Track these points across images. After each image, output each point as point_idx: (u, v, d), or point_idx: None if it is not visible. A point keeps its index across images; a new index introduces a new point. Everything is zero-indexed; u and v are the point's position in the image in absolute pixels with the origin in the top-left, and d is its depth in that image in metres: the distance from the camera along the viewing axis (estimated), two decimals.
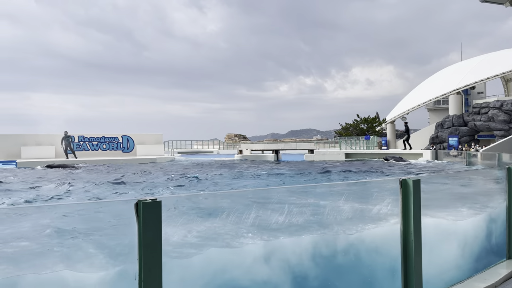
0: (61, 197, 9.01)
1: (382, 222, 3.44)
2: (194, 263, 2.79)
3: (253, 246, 2.97)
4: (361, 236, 3.38)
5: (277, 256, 3.03)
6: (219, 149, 39.90)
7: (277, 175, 14.25)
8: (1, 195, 9.07)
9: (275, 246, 3.06)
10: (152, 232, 2.33)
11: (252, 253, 3.00)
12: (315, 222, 3.30)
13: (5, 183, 11.91)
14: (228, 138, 55.46)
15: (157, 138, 29.22)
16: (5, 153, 23.88)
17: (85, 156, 25.29)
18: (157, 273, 2.32)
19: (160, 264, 2.32)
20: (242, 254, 2.96)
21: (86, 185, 10.86)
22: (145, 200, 2.34)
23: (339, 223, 3.36)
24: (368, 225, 3.45)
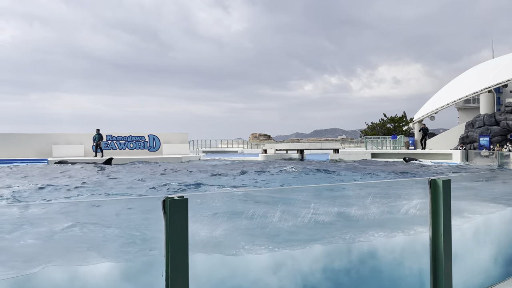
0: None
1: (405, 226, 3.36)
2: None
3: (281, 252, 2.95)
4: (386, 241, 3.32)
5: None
6: (244, 149, 40.04)
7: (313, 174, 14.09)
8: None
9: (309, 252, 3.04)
10: (179, 229, 2.35)
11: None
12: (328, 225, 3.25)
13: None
14: (252, 137, 55.59)
15: (182, 137, 29.59)
16: (37, 152, 24.75)
17: (113, 155, 25.90)
18: (184, 269, 2.34)
19: (187, 261, 2.34)
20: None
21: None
22: (172, 197, 2.37)
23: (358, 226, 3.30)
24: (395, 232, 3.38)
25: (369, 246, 3.27)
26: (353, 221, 3.35)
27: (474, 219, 4.00)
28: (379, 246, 3.32)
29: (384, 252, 3.30)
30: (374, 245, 3.30)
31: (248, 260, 2.97)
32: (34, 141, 25.15)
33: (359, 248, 3.24)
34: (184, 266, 2.35)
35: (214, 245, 2.86)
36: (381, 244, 3.33)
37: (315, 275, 2.99)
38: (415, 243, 3.40)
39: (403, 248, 3.41)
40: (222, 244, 2.87)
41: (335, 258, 3.15)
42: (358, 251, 3.24)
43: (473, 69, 43.41)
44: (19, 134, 25.51)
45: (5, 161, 22.08)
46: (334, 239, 3.23)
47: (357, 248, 3.24)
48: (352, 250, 3.22)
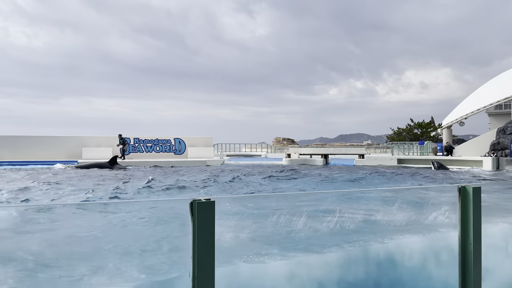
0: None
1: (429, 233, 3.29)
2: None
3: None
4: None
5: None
6: (267, 153, 40.04)
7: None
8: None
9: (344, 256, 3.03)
10: (206, 231, 2.39)
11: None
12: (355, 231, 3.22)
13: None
14: (276, 141, 55.53)
15: (207, 141, 29.89)
16: (68, 154, 25.55)
17: (140, 158, 26.44)
18: (210, 271, 2.38)
19: (213, 263, 2.38)
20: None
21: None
22: (200, 199, 2.42)
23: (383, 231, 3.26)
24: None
25: (393, 252, 3.23)
26: (379, 226, 3.31)
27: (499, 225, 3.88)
28: (403, 252, 3.27)
29: (408, 259, 3.25)
30: (398, 251, 3.26)
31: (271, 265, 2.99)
32: (66, 144, 26.00)
33: (382, 253, 3.21)
34: (210, 268, 2.39)
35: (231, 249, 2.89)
36: (405, 250, 3.28)
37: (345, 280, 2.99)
38: (443, 250, 3.34)
39: (430, 255, 3.35)
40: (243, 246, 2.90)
41: (360, 264, 3.13)
42: (382, 256, 3.20)
43: (505, 74, 42.00)
44: (52, 137, 26.43)
45: (38, 162, 22.91)
46: (359, 243, 3.21)
47: (381, 252, 3.21)
48: (376, 255, 3.19)
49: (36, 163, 22.66)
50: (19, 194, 8.82)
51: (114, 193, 9.07)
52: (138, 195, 8.98)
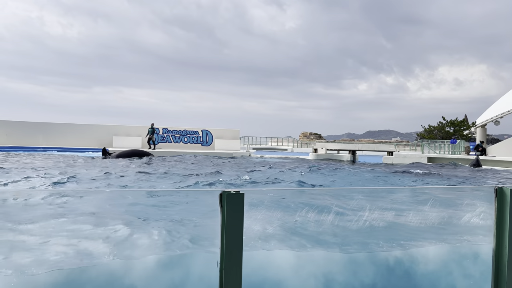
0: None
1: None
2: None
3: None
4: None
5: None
6: (293, 147, 39.87)
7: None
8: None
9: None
10: (234, 223, 2.41)
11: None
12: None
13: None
14: (303, 136, 55.19)
15: (234, 133, 30.05)
16: (99, 142, 26.29)
17: (168, 148, 26.90)
18: (238, 262, 2.40)
19: (241, 254, 2.40)
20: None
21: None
22: (229, 191, 2.43)
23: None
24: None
25: (421, 255, 3.16)
26: (408, 227, 3.24)
27: None
28: (430, 255, 3.19)
29: (433, 262, 3.17)
30: (426, 254, 3.18)
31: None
32: (97, 132, 26.77)
33: (410, 256, 3.14)
34: (238, 259, 2.41)
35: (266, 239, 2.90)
36: (432, 253, 3.20)
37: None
38: (475, 253, 3.23)
39: (460, 258, 3.25)
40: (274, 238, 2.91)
41: (385, 265, 3.07)
42: (409, 259, 3.13)
43: None
44: (84, 125, 27.27)
45: (71, 149, 23.70)
46: (385, 244, 3.15)
47: (409, 255, 3.14)
48: (405, 257, 3.12)
49: (69, 149, 23.45)
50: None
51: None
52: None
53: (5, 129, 25.27)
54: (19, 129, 25.45)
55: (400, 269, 3.06)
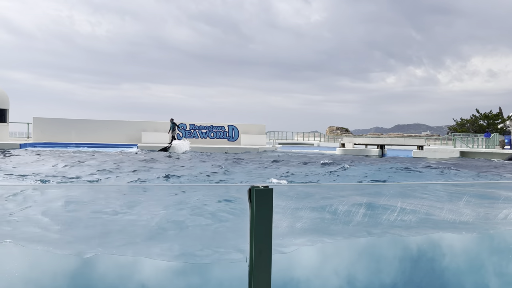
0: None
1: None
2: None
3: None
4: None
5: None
6: (320, 142, 39.52)
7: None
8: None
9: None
10: (263, 218, 2.41)
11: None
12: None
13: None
14: (329, 130, 54.60)
15: (260, 128, 30.07)
16: (129, 137, 26.91)
17: (195, 143, 27.22)
18: (267, 257, 2.39)
19: (270, 249, 2.39)
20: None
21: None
22: (258, 186, 2.43)
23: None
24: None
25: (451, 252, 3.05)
26: (441, 222, 3.14)
27: None
28: (466, 251, 3.08)
29: (468, 259, 3.06)
30: (459, 251, 3.07)
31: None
32: (126, 128, 27.40)
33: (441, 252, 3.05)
34: (268, 253, 2.40)
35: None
36: (469, 250, 3.08)
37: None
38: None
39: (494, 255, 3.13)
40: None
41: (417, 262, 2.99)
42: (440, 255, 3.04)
43: None
44: (114, 121, 27.96)
45: (101, 145, 24.36)
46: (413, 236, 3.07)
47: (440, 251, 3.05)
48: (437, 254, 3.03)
49: (100, 145, 24.11)
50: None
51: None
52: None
53: (40, 126, 26.22)
54: (53, 126, 26.35)
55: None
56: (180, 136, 28.02)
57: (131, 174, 10.04)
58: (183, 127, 28.40)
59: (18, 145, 21.82)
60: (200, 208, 3.69)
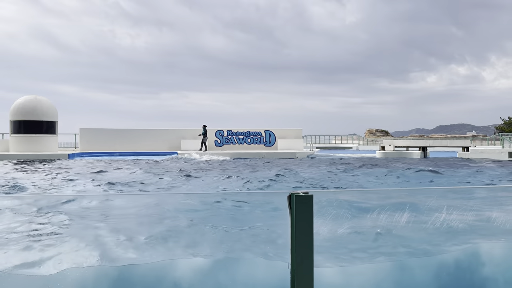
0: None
1: None
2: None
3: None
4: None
5: None
6: (359, 145, 38.79)
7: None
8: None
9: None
10: (304, 225, 2.41)
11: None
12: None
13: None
14: (368, 133, 53.45)
15: (297, 133, 29.97)
16: (169, 145, 27.64)
17: (232, 149, 27.53)
18: (309, 264, 2.40)
19: (312, 256, 2.39)
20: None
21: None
22: (297, 193, 2.44)
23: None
24: None
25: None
26: (490, 229, 3.01)
27: None
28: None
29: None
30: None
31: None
32: (167, 136, 28.18)
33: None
34: (309, 260, 2.40)
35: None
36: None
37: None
38: None
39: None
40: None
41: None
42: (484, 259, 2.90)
43: None
44: (155, 130, 28.85)
45: (144, 153, 25.16)
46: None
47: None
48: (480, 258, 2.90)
49: (143, 153, 24.91)
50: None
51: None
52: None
53: (86, 136, 27.49)
54: (98, 136, 27.54)
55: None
56: (219, 143, 28.45)
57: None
58: (220, 133, 28.83)
59: (66, 155, 22.95)
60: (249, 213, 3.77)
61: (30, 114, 25.12)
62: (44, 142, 25.24)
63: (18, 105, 25.36)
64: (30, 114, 25.11)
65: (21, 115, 25.13)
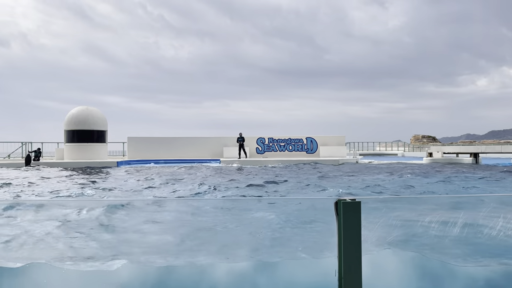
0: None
1: None
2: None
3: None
4: None
5: None
6: (404, 152, 37.54)
7: None
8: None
9: None
10: (352, 232, 2.37)
11: None
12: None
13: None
14: (414, 139, 51.59)
15: (339, 139, 29.51)
16: (211, 153, 28.13)
17: (274, 157, 27.56)
18: (357, 271, 2.35)
19: (360, 263, 2.35)
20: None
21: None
22: (345, 199, 2.41)
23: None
24: None
25: None
26: None
27: None
28: None
29: None
30: None
31: None
32: (209, 144, 28.71)
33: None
34: (357, 268, 2.36)
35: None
36: None
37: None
38: None
39: None
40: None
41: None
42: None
43: None
44: (198, 137, 29.50)
45: (187, 160, 25.78)
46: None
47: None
48: None
49: (187, 161, 25.53)
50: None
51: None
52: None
53: (133, 144, 28.58)
54: (144, 144, 28.55)
55: None
56: (260, 150, 28.61)
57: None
58: (262, 141, 28.97)
59: (115, 163, 23.95)
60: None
61: (82, 124, 26.51)
62: (95, 150, 26.51)
63: (72, 116, 26.85)
64: (82, 124, 26.49)
65: (74, 125, 26.58)
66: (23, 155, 26.99)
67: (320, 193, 8.72)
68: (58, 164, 23.59)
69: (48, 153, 28.35)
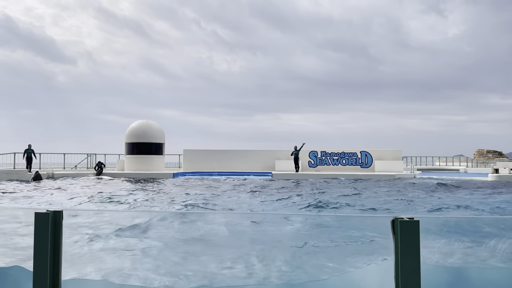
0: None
1: None
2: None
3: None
4: None
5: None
6: (466, 167, 35.35)
7: None
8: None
9: None
10: (410, 252, 2.29)
11: None
12: None
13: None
14: (478, 154, 48.41)
15: (395, 154, 28.48)
16: (263, 166, 28.28)
17: (327, 170, 27.14)
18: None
19: (419, 284, 2.26)
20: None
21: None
22: (402, 218, 2.34)
23: None
24: None
25: None
26: None
27: None
28: None
29: None
30: None
31: None
32: (262, 156, 28.92)
33: None
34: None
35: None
36: None
37: None
38: None
39: None
40: None
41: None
42: None
43: None
44: (251, 150, 29.84)
45: (240, 173, 26.13)
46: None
47: None
48: None
49: (240, 173, 25.87)
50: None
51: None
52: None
53: (189, 156, 29.52)
54: (199, 156, 29.38)
55: None
56: (312, 163, 28.34)
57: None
58: (314, 154, 28.67)
59: (171, 174, 24.86)
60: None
61: (142, 136, 27.88)
62: (153, 162, 27.72)
63: (132, 129, 28.35)
64: (141, 137, 27.86)
65: (134, 137, 28.02)
66: (88, 166, 28.83)
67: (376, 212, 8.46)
68: (120, 175, 24.91)
69: (109, 163, 30.06)
